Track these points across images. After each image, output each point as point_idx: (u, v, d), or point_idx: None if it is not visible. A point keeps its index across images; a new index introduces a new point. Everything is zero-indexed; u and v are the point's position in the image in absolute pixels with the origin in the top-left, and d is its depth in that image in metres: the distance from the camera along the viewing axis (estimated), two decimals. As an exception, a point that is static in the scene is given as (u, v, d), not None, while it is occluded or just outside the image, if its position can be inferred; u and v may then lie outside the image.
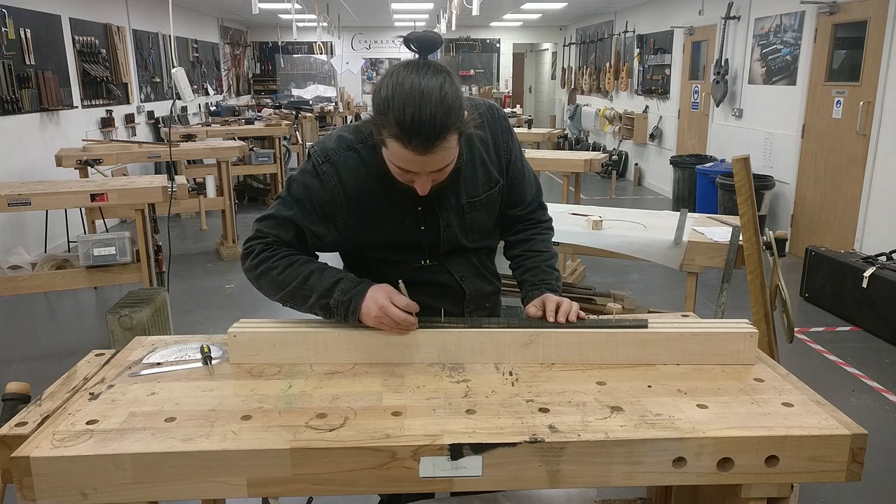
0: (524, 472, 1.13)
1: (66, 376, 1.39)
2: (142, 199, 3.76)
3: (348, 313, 1.40)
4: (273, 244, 1.47)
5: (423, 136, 1.23)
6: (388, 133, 1.27)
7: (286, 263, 1.45)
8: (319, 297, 1.42)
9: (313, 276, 1.43)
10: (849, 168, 5.21)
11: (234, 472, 1.10)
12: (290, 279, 1.43)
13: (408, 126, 1.23)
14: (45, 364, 3.69)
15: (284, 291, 1.44)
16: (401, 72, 1.28)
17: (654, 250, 2.92)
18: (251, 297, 4.81)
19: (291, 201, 1.48)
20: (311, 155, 1.48)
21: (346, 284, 1.42)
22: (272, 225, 1.48)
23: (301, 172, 1.49)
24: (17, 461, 1.07)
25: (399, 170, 1.35)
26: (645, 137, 9.49)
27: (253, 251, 1.47)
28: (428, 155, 1.27)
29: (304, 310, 1.46)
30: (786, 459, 1.14)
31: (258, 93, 14.14)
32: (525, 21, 13.23)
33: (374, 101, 1.31)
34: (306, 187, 1.47)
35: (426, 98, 1.23)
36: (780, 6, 6.10)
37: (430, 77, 1.26)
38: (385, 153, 1.35)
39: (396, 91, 1.25)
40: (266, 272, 1.45)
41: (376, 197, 1.47)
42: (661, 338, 1.44)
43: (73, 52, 6.52)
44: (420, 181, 1.35)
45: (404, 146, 1.26)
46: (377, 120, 1.30)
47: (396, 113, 1.24)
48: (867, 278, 4.10)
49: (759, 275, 2.36)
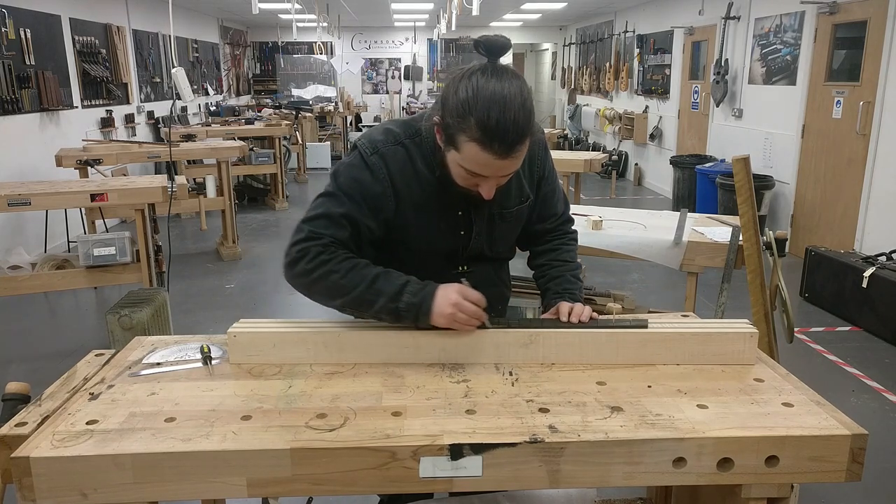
0: (524, 472, 1.13)
1: (66, 376, 1.39)
2: (142, 199, 3.76)
3: (419, 315, 1.36)
4: (330, 245, 1.39)
5: (507, 140, 1.24)
6: (466, 136, 1.26)
7: (349, 267, 1.37)
8: (388, 301, 1.36)
9: (379, 280, 1.37)
10: (849, 168, 5.21)
11: (234, 472, 1.10)
12: (355, 283, 1.36)
13: (492, 129, 1.23)
14: (45, 364, 3.69)
15: (348, 297, 1.37)
16: (478, 76, 1.27)
17: (654, 250, 2.92)
18: (251, 297, 4.81)
19: (342, 196, 1.41)
20: (358, 147, 1.44)
21: (414, 286, 1.37)
22: (326, 224, 1.40)
23: (348, 166, 1.44)
24: (17, 461, 1.07)
25: (467, 174, 1.33)
26: (645, 137, 9.49)
27: (307, 253, 1.37)
28: (507, 159, 1.27)
29: (368, 315, 1.40)
30: (786, 459, 1.14)
31: (258, 93, 14.14)
32: (525, 21, 13.22)
33: (450, 104, 1.28)
34: (356, 181, 1.42)
35: (509, 102, 1.23)
36: (780, 6, 6.10)
37: (510, 81, 1.26)
38: (453, 156, 1.33)
39: (478, 94, 1.24)
40: (325, 276, 1.37)
41: (420, 196, 1.45)
42: (661, 338, 1.44)
43: (73, 52, 6.52)
44: (488, 185, 1.35)
45: (484, 149, 1.25)
46: (452, 123, 1.28)
47: (479, 116, 1.23)
48: (867, 278, 4.10)
49: (759, 275, 2.36)
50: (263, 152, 7.55)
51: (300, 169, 10.01)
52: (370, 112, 13.71)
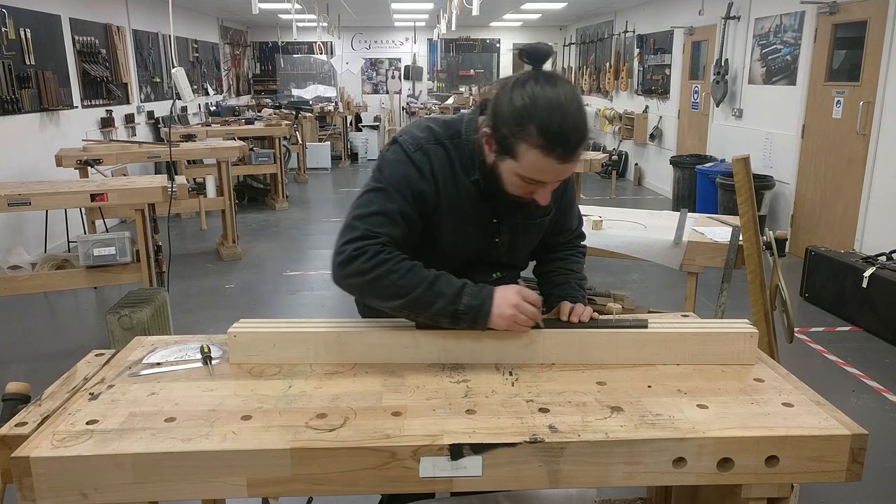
0: (524, 472, 1.13)
1: (66, 376, 1.39)
2: (142, 199, 3.76)
3: (478, 317, 1.35)
4: (388, 245, 1.36)
5: (569, 145, 1.26)
6: (527, 144, 1.26)
7: (407, 268, 1.35)
8: (448, 303, 1.34)
9: (439, 282, 1.35)
10: (849, 168, 5.21)
11: (234, 472, 1.10)
12: (415, 284, 1.34)
13: (554, 135, 1.24)
14: (45, 364, 3.69)
15: (406, 298, 1.34)
16: (531, 83, 1.27)
17: (654, 250, 2.92)
18: (251, 297, 4.81)
19: (393, 192, 1.39)
20: (400, 143, 1.43)
21: (472, 289, 1.36)
22: (381, 222, 1.37)
23: (393, 161, 1.42)
24: (17, 461, 1.07)
25: (523, 182, 1.33)
26: (645, 137, 9.49)
27: (365, 252, 1.33)
28: (568, 163, 1.29)
29: (425, 317, 1.37)
30: (786, 459, 1.14)
31: (258, 93, 14.14)
32: (525, 21, 13.22)
33: (504, 113, 1.28)
34: (404, 176, 1.40)
35: (567, 106, 1.25)
36: (780, 6, 6.10)
37: (564, 86, 1.28)
38: (508, 165, 1.33)
39: (536, 101, 1.25)
40: (384, 276, 1.33)
41: (456, 198, 1.45)
42: (661, 338, 1.44)
43: (73, 52, 6.52)
44: (545, 191, 1.36)
45: (546, 155, 1.26)
46: (509, 132, 1.28)
47: (540, 122, 1.24)
48: (867, 278, 4.10)
49: (759, 275, 2.36)
50: (263, 152, 7.55)
51: (300, 169, 10.01)
52: (370, 112, 13.70)
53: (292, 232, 6.85)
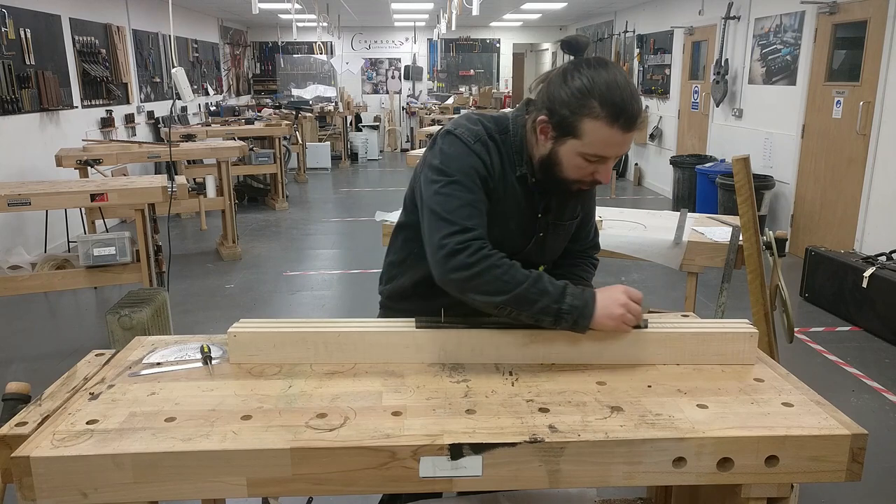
0: (524, 472, 1.13)
1: (66, 376, 1.39)
2: (142, 199, 3.76)
3: (580, 318, 1.35)
4: (485, 238, 1.38)
5: (630, 115, 1.33)
6: (591, 118, 1.32)
7: (509, 264, 1.36)
8: (552, 301, 1.34)
9: (542, 280, 1.36)
10: (849, 168, 5.21)
11: (234, 472, 1.10)
12: (519, 280, 1.34)
13: (618, 106, 1.31)
14: (45, 364, 3.69)
15: (511, 294, 1.33)
16: (584, 68, 1.35)
17: (654, 250, 2.91)
18: (251, 297, 4.81)
19: (469, 182, 1.40)
20: (458, 135, 1.43)
21: (575, 289, 1.38)
22: (470, 213, 1.38)
23: (456, 154, 1.42)
24: (17, 461, 1.07)
25: (585, 162, 1.38)
26: (645, 137, 9.49)
27: (469, 246, 1.34)
28: (629, 133, 1.35)
29: (525, 315, 1.36)
30: (786, 459, 1.14)
31: (258, 93, 14.13)
32: (525, 21, 13.22)
33: (562, 97, 1.35)
34: (472, 167, 1.41)
35: (623, 83, 1.34)
36: (780, 6, 6.10)
37: (614, 68, 1.36)
38: (571, 146, 1.37)
39: (595, 80, 1.33)
40: (488, 270, 1.34)
41: (502, 192, 1.48)
42: (661, 338, 1.44)
43: (73, 52, 6.52)
44: (606, 167, 1.40)
45: (610, 125, 1.32)
46: (570, 112, 1.34)
47: (602, 97, 1.31)
48: (867, 278, 4.10)
49: (759, 275, 2.36)
50: (263, 152, 7.55)
51: (300, 169, 10.01)
52: (370, 112, 13.71)
53: (292, 232, 6.85)
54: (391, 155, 13.26)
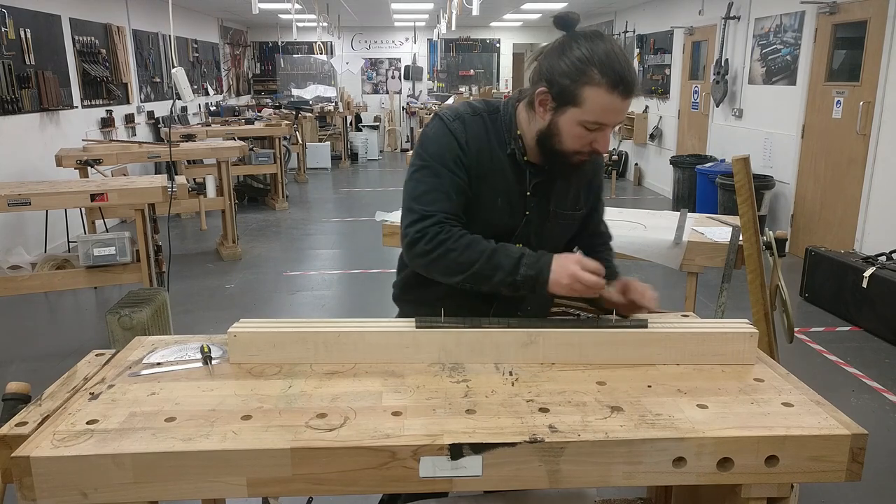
0: (524, 472, 1.13)
1: (67, 376, 1.39)
2: (142, 199, 3.76)
3: (536, 286, 1.42)
4: (444, 222, 1.45)
5: (629, 82, 1.37)
6: (591, 85, 1.36)
7: (465, 244, 1.44)
8: (506, 275, 1.42)
9: (497, 254, 1.43)
10: (849, 168, 5.21)
11: (234, 472, 1.10)
12: (473, 259, 1.43)
13: (616, 73, 1.35)
14: (45, 364, 3.69)
15: (466, 273, 1.43)
16: (581, 40, 1.40)
17: (654, 250, 2.91)
18: (251, 297, 4.81)
19: (437, 166, 1.47)
20: (440, 116, 1.52)
21: (530, 259, 1.43)
22: (432, 199, 1.46)
23: (432, 136, 1.50)
24: (17, 461, 1.07)
25: (586, 130, 1.41)
26: (645, 137, 9.49)
27: (426, 235, 1.44)
28: (628, 100, 1.39)
29: (486, 288, 1.45)
30: (786, 459, 1.14)
31: (258, 93, 14.13)
32: (525, 21, 13.22)
33: (561, 68, 1.39)
34: (444, 146, 1.48)
35: (620, 53, 1.39)
36: (780, 6, 6.10)
37: (610, 41, 1.41)
38: (571, 115, 1.40)
39: (594, 50, 1.37)
40: (444, 255, 1.43)
41: (490, 168, 1.51)
42: (661, 338, 1.44)
43: (73, 52, 6.52)
44: (604, 135, 1.44)
45: (611, 91, 1.36)
46: (569, 82, 1.37)
47: (601, 64, 1.36)
48: (867, 278, 4.10)
49: (759, 275, 2.36)
50: (263, 152, 7.55)
51: (300, 169, 10.01)
52: (370, 112, 13.70)
53: (292, 232, 6.85)
54: (391, 155, 13.26)
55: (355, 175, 10.71)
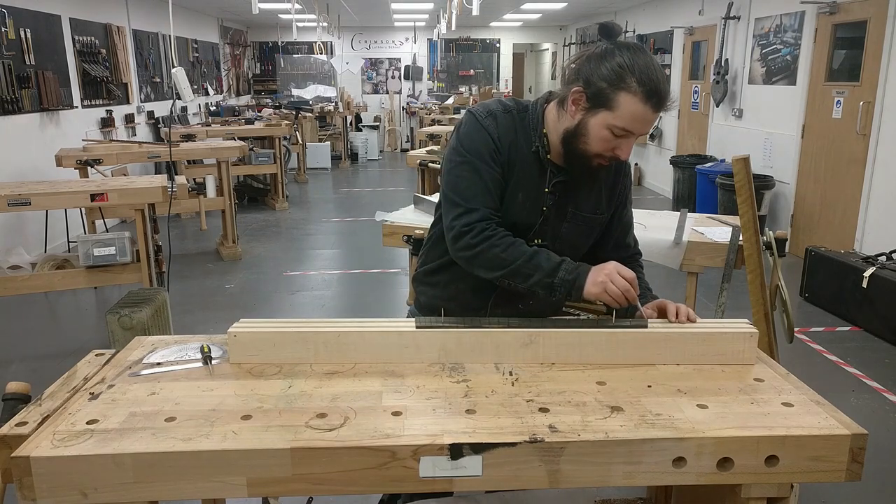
0: (524, 472, 1.13)
1: (67, 376, 1.39)
2: (142, 199, 3.76)
3: (573, 290, 1.47)
4: (490, 219, 1.52)
5: (662, 97, 1.43)
6: (627, 93, 1.41)
7: (508, 242, 1.51)
8: (545, 276, 1.48)
9: (538, 256, 1.50)
10: (849, 168, 5.21)
11: (234, 472, 1.10)
12: (516, 257, 1.49)
13: (652, 85, 1.41)
14: (45, 364, 3.69)
15: (508, 269, 1.49)
16: (623, 50, 1.45)
17: (654, 250, 2.91)
18: (251, 297, 4.81)
19: (475, 160, 1.53)
20: (473, 113, 1.57)
21: (570, 265, 1.49)
22: (474, 193, 1.52)
23: (466, 133, 1.55)
24: (17, 461, 1.07)
25: (611, 136, 1.45)
26: (645, 137, 9.48)
27: (473, 229, 1.51)
28: (657, 113, 1.45)
29: (524, 286, 1.51)
30: (786, 459, 1.14)
31: (258, 93, 14.13)
32: (525, 21, 13.22)
33: (601, 72, 1.43)
34: (479, 142, 1.53)
35: (658, 69, 1.44)
36: (780, 6, 6.10)
37: (651, 56, 1.46)
38: (602, 118, 1.44)
39: (635, 61, 1.42)
40: (488, 249, 1.50)
41: (515, 164, 1.56)
42: (661, 338, 1.44)
43: (73, 52, 6.52)
44: (629, 143, 1.48)
45: (645, 102, 1.41)
46: (607, 86, 1.42)
47: (640, 75, 1.41)
48: (867, 278, 4.10)
49: (759, 275, 2.36)
50: (263, 152, 7.55)
51: (300, 169, 10.01)
52: (370, 112, 13.70)
53: (292, 232, 6.85)
54: (391, 155, 13.26)
55: (355, 175, 10.71)
